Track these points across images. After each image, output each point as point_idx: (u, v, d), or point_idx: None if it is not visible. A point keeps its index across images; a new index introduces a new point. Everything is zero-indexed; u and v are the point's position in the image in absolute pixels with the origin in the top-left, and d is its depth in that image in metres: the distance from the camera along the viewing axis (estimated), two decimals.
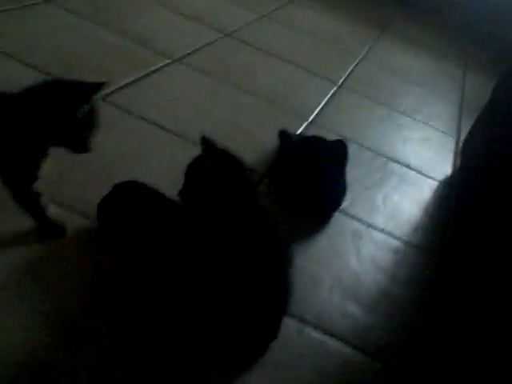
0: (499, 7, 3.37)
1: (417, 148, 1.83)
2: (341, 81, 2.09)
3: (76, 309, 0.85)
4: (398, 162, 1.69)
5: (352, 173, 1.48)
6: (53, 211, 1.00)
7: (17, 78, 1.36)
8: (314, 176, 1.29)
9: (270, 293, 0.83)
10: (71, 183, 1.10)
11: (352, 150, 1.59)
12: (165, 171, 1.22)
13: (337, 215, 1.32)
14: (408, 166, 1.68)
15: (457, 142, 1.97)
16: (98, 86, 0.88)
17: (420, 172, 1.68)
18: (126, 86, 1.51)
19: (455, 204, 1.55)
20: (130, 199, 0.97)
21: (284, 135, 1.45)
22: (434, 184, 1.66)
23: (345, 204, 1.35)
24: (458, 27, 3.42)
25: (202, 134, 0.93)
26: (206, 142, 0.92)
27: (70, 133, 0.86)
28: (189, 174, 0.90)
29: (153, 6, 2.10)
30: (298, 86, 1.92)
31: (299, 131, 1.63)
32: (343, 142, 1.43)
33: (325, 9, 2.89)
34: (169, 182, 1.18)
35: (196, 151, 0.95)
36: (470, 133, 1.76)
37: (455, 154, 1.88)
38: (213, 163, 0.87)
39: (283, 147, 1.43)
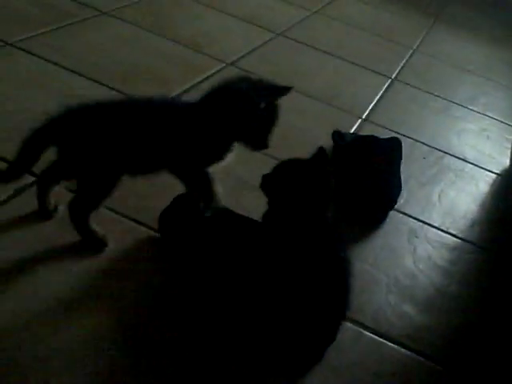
0: None
1: (473, 140, 1.82)
2: (394, 74, 2.09)
3: (141, 318, 0.90)
4: (453, 155, 1.68)
5: (407, 169, 1.49)
6: (115, 221, 1.07)
7: (79, 91, 1.43)
8: (368, 175, 1.32)
9: (330, 296, 0.86)
10: (133, 193, 1.15)
11: (407, 145, 1.60)
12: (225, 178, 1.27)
13: (392, 213, 1.34)
14: (464, 160, 1.68)
15: None
16: (285, 90, 0.94)
17: (477, 165, 1.68)
18: (183, 93, 1.56)
19: None
20: (191, 210, 1.02)
21: (338, 135, 1.47)
22: (491, 177, 1.64)
23: (400, 202, 1.37)
24: None
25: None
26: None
27: (253, 127, 0.91)
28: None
29: (204, 10, 2.15)
30: (351, 83, 1.93)
31: (353, 129, 1.65)
32: (397, 140, 1.45)
33: (376, 0, 2.87)
34: (229, 191, 1.23)
35: (255, 156, 0.99)
36: None
37: None
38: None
39: (337, 147, 1.45)
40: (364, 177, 1.31)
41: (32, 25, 1.67)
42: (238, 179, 1.28)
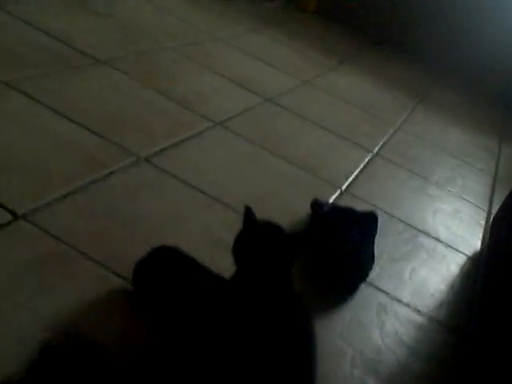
0: None
1: (447, 221, 1.86)
2: (376, 149, 2.14)
3: None
4: (427, 234, 1.72)
5: (381, 244, 1.52)
6: (89, 268, 1.07)
7: (66, 135, 1.45)
8: (342, 247, 1.34)
9: (295, 369, 0.86)
10: (110, 241, 1.16)
11: (383, 220, 1.64)
12: (202, 235, 1.28)
13: (363, 286, 1.35)
14: (437, 239, 1.71)
15: (488, 217, 1.99)
16: None
17: (449, 246, 1.71)
18: (169, 147, 1.58)
19: (482, 281, 1.57)
20: (167, 264, 1.03)
21: (316, 205, 1.50)
22: (462, 259, 1.67)
23: (372, 275, 1.39)
24: (497, 98, 3.46)
25: (244, 205, 0.97)
26: (248, 215, 0.96)
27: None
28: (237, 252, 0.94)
29: (199, 69, 2.20)
30: (334, 154, 1.97)
31: (332, 199, 1.68)
32: (373, 214, 1.48)
33: (366, 76, 2.98)
34: (204, 246, 1.24)
35: (231, 216, 1.01)
36: (501, 210, 1.78)
37: (485, 228, 1.89)
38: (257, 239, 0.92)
39: (315, 217, 1.47)
40: (338, 248, 1.33)
41: (29, 66, 1.70)
42: (215, 237, 1.29)
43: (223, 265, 1.13)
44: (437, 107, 2.97)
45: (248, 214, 0.96)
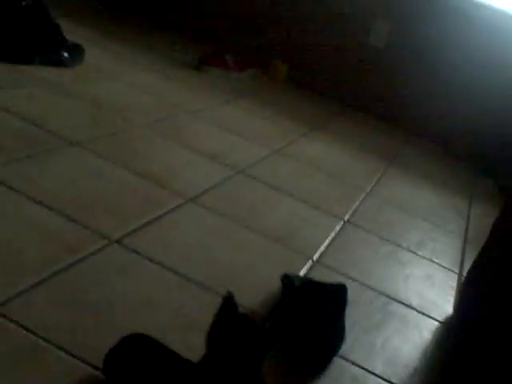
0: (506, 137, 3.52)
1: (419, 286, 1.89)
2: (347, 217, 2.19)
3: None
4: (399, 301, 1.74)
5: (353, 314, 1.55)
6: (57, 357, 1.08)
7: (39, 221, 1.48)
8: (312, 321, 1.36)
9: None
10: (82, 330, 1.17)
11: (354, 289, 1.67)
12: (174, 318, 1.30)
13: (335, 360, 1.37)
14: (409, 306, 1.74)
15: (459, 279, 2.03)
16: None
17: (421, 312, 1.74)
18: (140, 228, 1.62)
19: (452, 347, 1.59)
20: (137, 353, 1.04)
21: (286, 279, 1.53)
22: (434, 325, 1.70)
23: (344, 348, 1.41)
24: (466, 158, 3.56)
25: (225, 293, 0.99)
26: (227, 304, 0.98)
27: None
28: (210, 341, 0.96)
29: (171, 145, 2.26)
30: (305, 223, 2.02)
31: (304, 270, 1.71)
32: (343, 287, 1.51)
33: (337, 142, 3.06)
34: (177, 329, 1.26)
35: (204, 296, 1.03)
36: (469, 273, 1.83)
37: (456, 292, 1.93)
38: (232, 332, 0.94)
39: (285, 292, 1.50)
40: (308, 322, 1.35)
41: (2, 153, 1.74)
42: (188, 318, 1.31)
43: (196, 347, 1.15)
44: (407, 169, 3.05)
45: (227, 303, 0.99)
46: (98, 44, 3.22)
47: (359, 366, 1.39)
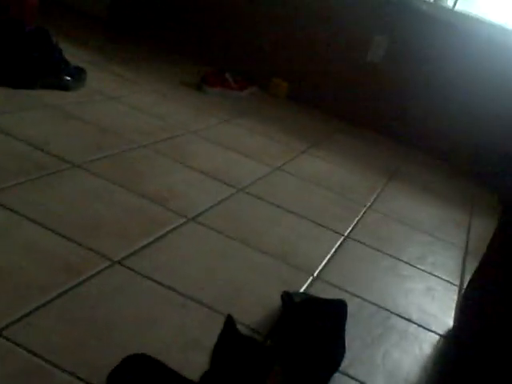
0: (507, 148, 3.55)
1: (419, 300, 1.91)
2: (347, 232, 2.21)
3: None
4: (399, 315, 1.76)
5: (353, 329, 1.57)
6: (57, 377, 1.10)
7: (43, 244, 1.51)
8: (313, 338, 1.38)
9: None
10: (85, 350, 1.20)
11: (354, 304, 1.69)
12: (176, 337, 1.32)
13: (336, 376, 1.39)
14: (409, 320, 1.76)
15: (459, 292, 2.05)
16: None
17: (421, 326, 1.75)
18: (142, 248, 1.64)
19: (453, 361, 1.61)
20: (138, 373, 1.06)
21: (287, 296, 1.55)
22: (435, 338, 1.72)
23: (344, 363, 1.43)
24: (467, 171, 3.59)
25: (227, 316, 1.01)
26: (229, 325, 1.01)
27: None
28: (214, 359, 0.99)
29: (172, 164, 2.29)
30: (306, 240, 2.04)
31: (305, 286, 1.73)
32: (342, 303, 1.53)
33: (336, 158, 3.09)
34: (179, 348, 1.28)
35: (206, 315, 1.06)
36: (468, 286, 1.84)
37: (457, 304, 1.95)
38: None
39: (286, 309, 1.52)
40: (308, 339, 1.37)
41: (6, 177, 1.78)
42: (189, 337, 1.33)
43: (197, 366, 1.17)
44: (407, 183, 3.08)
45: (228, 324, 1.01)
46: (100, 66, 3.27)
47: (360, 382, 1.40)
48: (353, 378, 1.41)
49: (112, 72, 3.28)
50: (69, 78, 2.70)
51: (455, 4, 3.70)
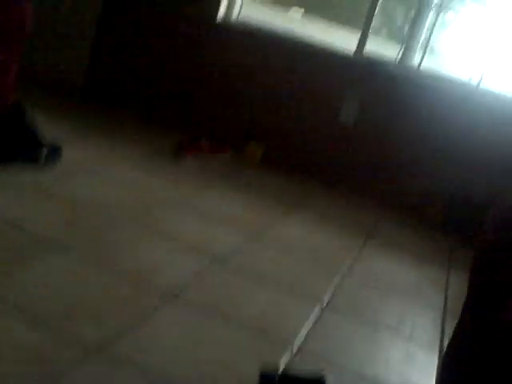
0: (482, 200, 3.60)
1: (400, 367, 1.91)
2: (325, 301, 2.22)
3: None
4: None
5: None
6: None
7: (12, 332, 1.50)
8: None
9: None
10: None
11: (335, 375, 1.69)
12: None
13: None
14: None
15: (439, 356, 2.06)
16: None
17: None
18: (120, 333, 1.64)
19: None
20: None
21: (264, 377, 1.54)
22: None
23: None
24: (441, 226, 3.63)
25: None
26: None
27: None
28: None
29: (151, 238, 2.31)
30: (284, 312, 2.05)
31: (284, 360, 1.73)
32: (322, 378, 1.54)
33: (312, 221, 3.11)
34: None
35: None
36: (447, 351, 1.85)
37: (437, 371, 1.95)
38: None
39: None
40: None
41: None
42: None
43: None
44: (383, 244, 3.10)
45: None
46: (76, 138, 3.31)
47: None
48: None
49: (88, 143, 3.32)
50: (44, 156, 2.72)
51: (420, 63, 3.83)
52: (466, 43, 4.62)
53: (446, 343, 2.02)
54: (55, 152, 2.81)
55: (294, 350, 1.81)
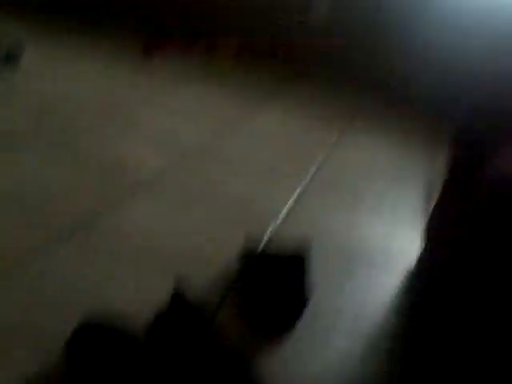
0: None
1: (383, 242, 1.87)
2: (307, 179, 2.17)
3: None
4: (363, 254, 1.75)
5: (317, 275, 1.54)
6: None
7: None
8: (271, 297, 1.37)
9: None
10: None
11: (317, 249, 1.65)
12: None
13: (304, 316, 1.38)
14: (374, 259, 1.74)
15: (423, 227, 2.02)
16: None
17: (387, 263, 1.73)
18: (94, 221, 1.60)
19: (421, 289, 1.61)
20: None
21: (244, 257, 1.51)
22: (402, 272, 1.70)
23: (309, 308, 1.41)
24: (425, 103, 3.50)
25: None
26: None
27: None
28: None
29: (121, 132, 2.23)
30: (265, 192, 2.00)
31: (268, 234, 1.72)
32: (300, 256, 1.50)
33: (292, 110, 3.01)
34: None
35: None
36: (430, 219, 1.82)
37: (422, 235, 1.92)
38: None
39: (243, 268, 1.50)
40: (268, 298, 1.37)
41: None
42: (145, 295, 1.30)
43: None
44: (366, 127, 3.00)
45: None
46: (39, 38, 3.15)
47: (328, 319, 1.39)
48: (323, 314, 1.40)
49: (52, 46, 3.16)
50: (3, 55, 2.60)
51: None
52: None
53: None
54: (15, 52, 2.68)
55: (277, 224, 1.78)
